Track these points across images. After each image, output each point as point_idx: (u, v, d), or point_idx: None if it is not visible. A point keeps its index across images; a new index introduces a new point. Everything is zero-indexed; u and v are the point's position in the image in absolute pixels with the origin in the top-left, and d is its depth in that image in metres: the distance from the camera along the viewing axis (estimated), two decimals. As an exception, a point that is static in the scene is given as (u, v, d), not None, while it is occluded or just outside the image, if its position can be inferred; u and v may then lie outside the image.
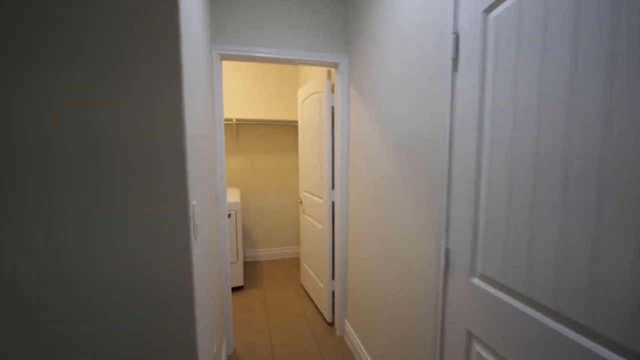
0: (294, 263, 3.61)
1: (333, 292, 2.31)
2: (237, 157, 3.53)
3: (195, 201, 0.99)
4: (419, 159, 1.23)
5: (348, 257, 2.13)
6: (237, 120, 3.28)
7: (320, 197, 2.40)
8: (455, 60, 1.01)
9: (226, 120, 3.25)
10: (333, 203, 2.25)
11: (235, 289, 2.91)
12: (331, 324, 2.35)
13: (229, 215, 2.78)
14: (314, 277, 2.62)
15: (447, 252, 1.07)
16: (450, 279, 1.07)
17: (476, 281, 0.95)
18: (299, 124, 2.84)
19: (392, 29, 1.43)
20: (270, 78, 3.52)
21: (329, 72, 2.17)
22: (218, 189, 1.92)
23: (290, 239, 3.77)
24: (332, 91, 2.18)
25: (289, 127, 3.63)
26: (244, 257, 3.65)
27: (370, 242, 1.75)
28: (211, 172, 1.66)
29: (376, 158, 1.64)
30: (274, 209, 3.70)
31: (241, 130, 3.51)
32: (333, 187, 2.24)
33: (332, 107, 2.18)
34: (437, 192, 1.12)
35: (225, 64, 3.36)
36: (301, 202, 2.84)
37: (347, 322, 2.17)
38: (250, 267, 3.50)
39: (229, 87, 3.41)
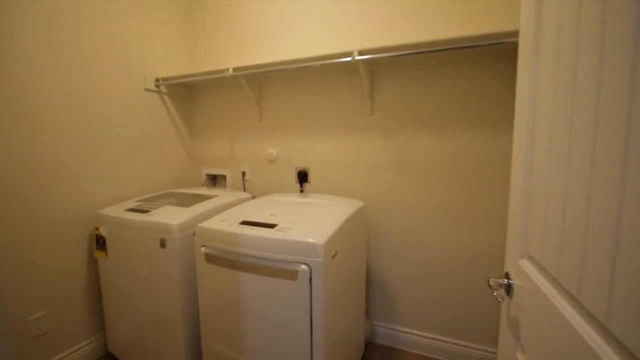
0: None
1: None
2: (366, 137, 1.77)
3: None
4: None
5: None
6: (361, 53, 1.50)
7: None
8: None
9: (341, 55, 1.55)
10: None
11: None
12: None
13: (295, 275, 1.10)
14: None
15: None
16: None
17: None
18: (522, 30, 0.74)
19: None
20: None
21: None
22: None
23: (481, 328, 1.64)
24: None
25: (497, 57, 1.48)
26: (371, 335, 1.86)
27: None
28: None
29: None
30: (447, 257, 1.68)
31: (378, 76, 1.71)
32: None
33: None
34: None
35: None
36: (508, 291, 0.76)
37: None
38: (377, 367, 1.69)
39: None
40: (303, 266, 1.10)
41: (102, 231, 1.56)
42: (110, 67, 1.73)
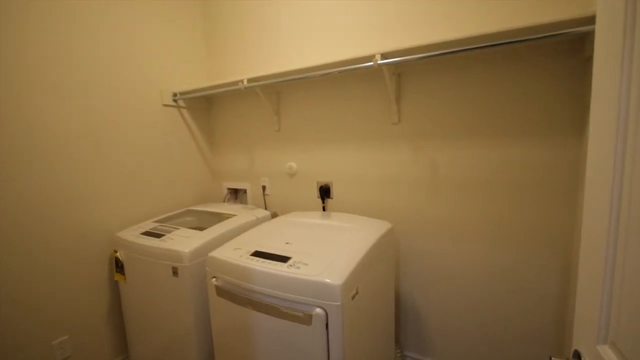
0: None
1: None
2: (393, 148, 1.59)
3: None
4: None
5: None
6: (384, 56, 1.32)
7: None
8: None
9: (361, 60, 1.38)
10: None
11: None
12: None
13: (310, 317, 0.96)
14: None
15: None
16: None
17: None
18: (601, 11, 0.53)
19: None
20: None
21: None
22: None
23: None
24: None
25: (549, 52, 1.23)
26: (404, 367, 1.68)
27: None
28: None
29: None
30: (488, 284, 1.46)
31: (406, 80, 1.52)
32: None
33: None
34: None
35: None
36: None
37: None
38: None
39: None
40: (318, 309, 0.96)
41: (120, 255, 1.53)
42: (125, 86, 1.70)
